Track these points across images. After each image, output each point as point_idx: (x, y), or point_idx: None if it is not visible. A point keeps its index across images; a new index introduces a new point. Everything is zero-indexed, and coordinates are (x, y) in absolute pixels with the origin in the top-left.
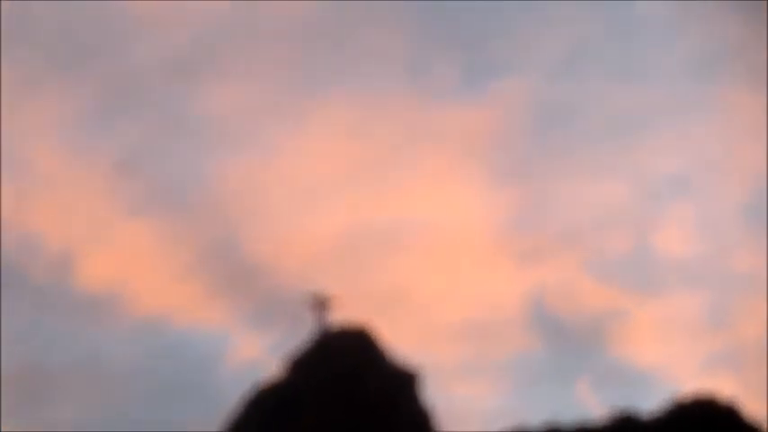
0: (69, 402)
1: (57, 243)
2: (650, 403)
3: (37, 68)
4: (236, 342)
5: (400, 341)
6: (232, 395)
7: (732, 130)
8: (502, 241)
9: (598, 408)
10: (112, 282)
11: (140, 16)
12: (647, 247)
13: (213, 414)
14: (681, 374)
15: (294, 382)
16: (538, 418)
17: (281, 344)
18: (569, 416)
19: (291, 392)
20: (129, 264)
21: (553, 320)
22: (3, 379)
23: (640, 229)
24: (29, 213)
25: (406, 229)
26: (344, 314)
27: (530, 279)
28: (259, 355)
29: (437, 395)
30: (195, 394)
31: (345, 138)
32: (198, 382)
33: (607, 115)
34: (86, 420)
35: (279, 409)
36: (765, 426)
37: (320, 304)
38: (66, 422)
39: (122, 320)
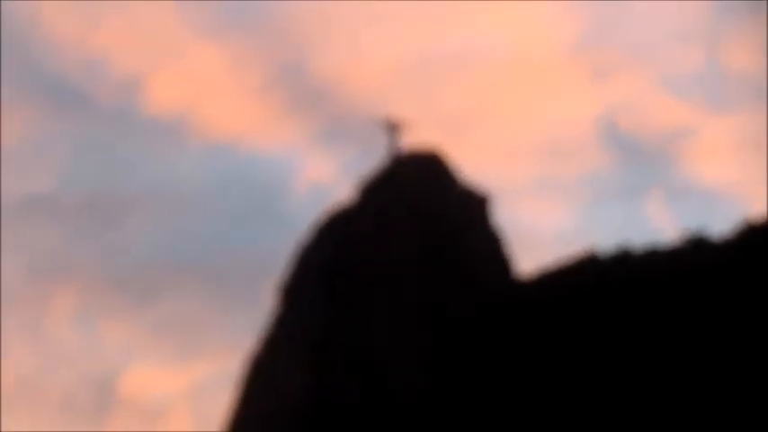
0: (139, 226)
1: (125, 66)
2: (720, 220)
3: None
4: (307, 164)
5: (471, 162)
6: (303, 218)
7: None
8: (573, 59)
9: (669, 225)
10: (182, 105)
11: None
12: (719, 64)
13: (284, 237)
14: (751, 191)
15: (365, 207)
16: (609, 236)
17: (351, 167)
18: (640, 234)
19: (363, 218)
20: (198, 87)
21: (624, 138)
22: (75, 205)
23: (712, 45)
24: (96, 36)
25: (477, 49)
26: (416, 138)
27: (601, 97)
28: (330, 178)
29: (508, 216)
30: (266, 217)
31: None
32: (269, 205)
33: None
34: (157, 243)
35: (349, 234)
36: None
37: (392, 128)
38: (136, 245)
39: (192, 144)
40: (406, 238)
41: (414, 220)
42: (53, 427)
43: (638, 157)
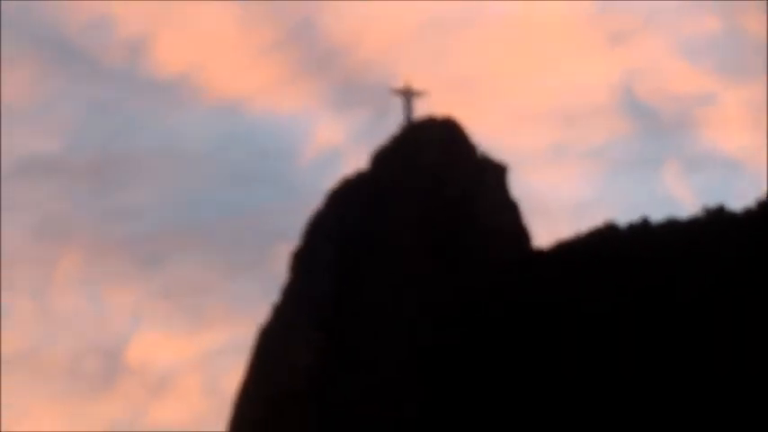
0: (145, 188)
1: (131, 26)
2: (738, 190)
3: None
4: (317, 128)
5: (484, 128)
6: (313, 183)
7: None
8: (590, 23)
9: (687, 195)
10: (188, 65)
11: None
12: (737, 30)
13: (294, 202)
14: None
15: (379, 175)
16: (625, 206)
17: (362, 131)
18: (657, 204)
19: (377, 186)
20: (205, 47)
21: (641, 105)
22: (80, 166)
23: (730, 10)
24: None
25: (492, 11)
26: (430, 104)
27: (617, 63)
28: (340, 143)
29: (521, 184)
30: (276, 181)
31: None
32: (278, 168)
33: None
34: (163, 206)
35: (363, 203)
36: None
37: (407, 96)
38: (142, 208)
39: (199, 105)
40: (420, 207)
41: (429, 190)
42: (58, 395)
43: (656, 126)
